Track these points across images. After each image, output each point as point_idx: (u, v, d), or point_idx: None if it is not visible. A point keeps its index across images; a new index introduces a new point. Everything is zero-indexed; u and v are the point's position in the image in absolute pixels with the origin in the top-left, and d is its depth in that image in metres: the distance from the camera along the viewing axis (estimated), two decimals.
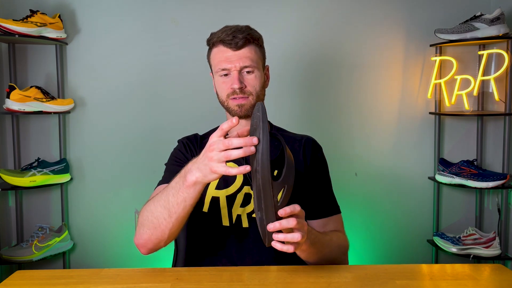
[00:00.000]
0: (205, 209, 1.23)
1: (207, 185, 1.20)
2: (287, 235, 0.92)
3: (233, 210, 1.22)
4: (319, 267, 1.10)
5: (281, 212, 0.91)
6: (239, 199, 1.22)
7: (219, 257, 1.22)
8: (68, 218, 2.23)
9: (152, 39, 2.20)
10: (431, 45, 2.23)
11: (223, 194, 1.22)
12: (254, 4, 2.20)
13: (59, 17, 2.08)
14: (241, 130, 0.98)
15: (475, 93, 2.16)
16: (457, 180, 2.12)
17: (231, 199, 1.22)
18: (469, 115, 2.18)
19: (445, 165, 2.18)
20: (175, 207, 1.02)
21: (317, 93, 2.27)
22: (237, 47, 1.22)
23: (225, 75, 1.25)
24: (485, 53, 2.13)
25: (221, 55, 1.24)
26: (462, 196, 2.31)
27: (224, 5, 2.19)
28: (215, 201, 1.22)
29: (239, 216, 1.22)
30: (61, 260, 2.21)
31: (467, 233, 2.12)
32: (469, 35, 2.07)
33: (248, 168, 0.89)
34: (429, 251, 2.31)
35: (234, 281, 1.02)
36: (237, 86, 1.22)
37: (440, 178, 2.17)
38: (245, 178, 1.24)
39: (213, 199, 1.22)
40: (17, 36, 1.95)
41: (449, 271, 1.12)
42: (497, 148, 2.23)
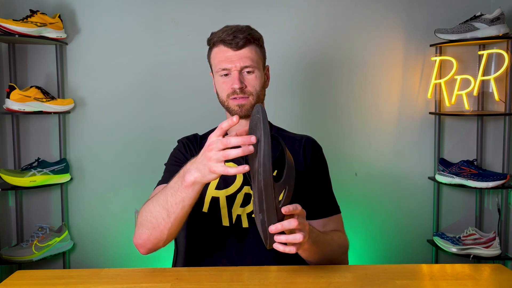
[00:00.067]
0: (205, 209, 1.22)
1: (206, 185, 1.21)
2: (288, 236, 0.92)
3: (233, 210, 1.22)
4: (319, 267, 1.10)
5: (284, 209, 0.91)
6: (239, 199, 1.22)
7: (219, 257, 1.22)
8: (68, 218, 2.23)
9: (152, 39, 2.20)
10: (431, 45, 2.23)
11: (223, 194, 1.22)
12: (254, 4, 2.20)
13: (59, 17, 2.08)
14: (240, 130, 0.98)
15: (475, 93, 2.16)
16: (457, 180, 2.12)
17: (231, 199, 1.22)
18: (469, 115, 2.18)
19: (445, 165, 2.18)
20: (173, 207, 1.02)
21: (317, 93, 2.27)
22: (238, 47, 1.22)
23: (225, 75, 1.25)
24: (485, 53, 2.13)
25: (222, 55, 1.24)
26: (462, 196, 2.31)
27: (224, 5, 2.20)
28: (215, 201, 1.22)
29: (239, 216, 1.22)
30: (61, 260, 2.21)
31: (467, 233, 2.12)
32: (469, 35, 2.07)
33: (247, 167, 0.89)
34: (429, 251, 2.31)
35: (234, 281, 1.02)
36: (237, 86, 1.21)
37: (440, 178, 2.17)
38: (245, 178, 1.24)
39: (213, 199, 1.22)
40: (17, 36, 1.95)
41: (449, 271, 1.12)
42: (497, 148, 2.23)
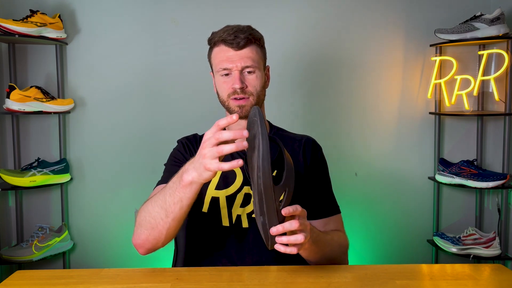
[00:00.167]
0: (205, 209, 1.22)
1: (206, 185, 1.21)
2: (290, 237, 0.92)
3: (233, 210, 1.22)
4: (319, 267, 1.10)
5: (284, 211, 0.91)
6: (239, 199, 1.22)
7: (219, 257, 1.22)
8: (68, 218, 2.23)
9: (152, 39, 2.20)
10: (431, 45, 2.23)
11: (223, 194, 1.22)
12: (254, 4, 2.20)
13: (59, 17, 2.08)
14: (237, 129, 0.97)
15: (475, 93, 2.16)
16: (457, 180, 2.12)
17: (231, 199, 1.22)
18: (469, 115, 2.18)
19: (445, 165, 2.18)
20: (171, 207, 1.02)
21: (317, 93, 2.27)
22: (239, 47, 1.22)
23: (226, 75, 1.24)
24: (485, 53, 2.13)
25: (223, 54, 1.24)
26: (462, 196, 2.31)
27: (224, 5, 2.19)
28: (215, 201, 1.22)
29: (239, 216, 1.22)
30: (61, 260, 2.21)
31: (467, 233, 2.12)
32: (469, 35, 2.07)
33: (240, 162, 0.89)
34: (429, 251, 2.31)
35: (234, 281, 1.02)
36: (238, 86, 1.21)
37: (440, 178, 2.17)
38: (245, 178, 1.24)
39: (213, 199, 1.22)
40: (17, 36, 1.95)
41: (449, 271, 1.12)
42: (497, 148, 2.23)
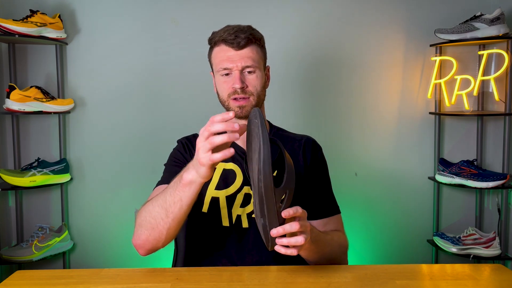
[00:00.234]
0: (205, 210, 1.22)
1: (206, 185, 1.21)
2: (290, 239, 0.92)
3: (233, 210, 1.22)
4: (319, 267, 1.10)
5: (284, 213, 0.91)
6: (239, 199, 1.22)
7: (219, 257, 1.22)
8: (68, 218, 2.23)
9: (152, 39, 2.20)
10: (431, 45, 2.23)
11: (223, 194, 1.22)
12: (254, 4, 2.20)
13: (59, 17, 2.08)
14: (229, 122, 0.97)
15: (475, 93, 2.16)
16: (457, 180, 2.12)
17: (231, 199, 1.22)
18: (469, 115, 2.18)
19: (445, 165, 2.18)
20: (171, 207, 1.02)
21: (317, 93, 2.27)
22: (239, 47, 1.22)
23: (226, 75, 1.24)
24: (485, 53, 2.13)
25: (223, 54, 1.24)
26: (462, 196, 2.31)
27: (224, 5, 2.19)
28: (215, 201, 1.22)
29: (239, 216, 1.22)
30: (61, 260, 2.21)
31: (467, 233, 2.12)
32: (469, 35, 2.07)
33: (232, 150, 0.90)
34: (429, 251, 2.31)
35: (234, 281, 1.02)
36: (238, 86, 1.21)
37: (440, 178, 2.17)
38: (245, 178, 1.24)
39: (213, 199, 1.22)
40: (17, 36, 1.95)
41: (449, 271, 1.12)
42: (497, 148, 2.23)
